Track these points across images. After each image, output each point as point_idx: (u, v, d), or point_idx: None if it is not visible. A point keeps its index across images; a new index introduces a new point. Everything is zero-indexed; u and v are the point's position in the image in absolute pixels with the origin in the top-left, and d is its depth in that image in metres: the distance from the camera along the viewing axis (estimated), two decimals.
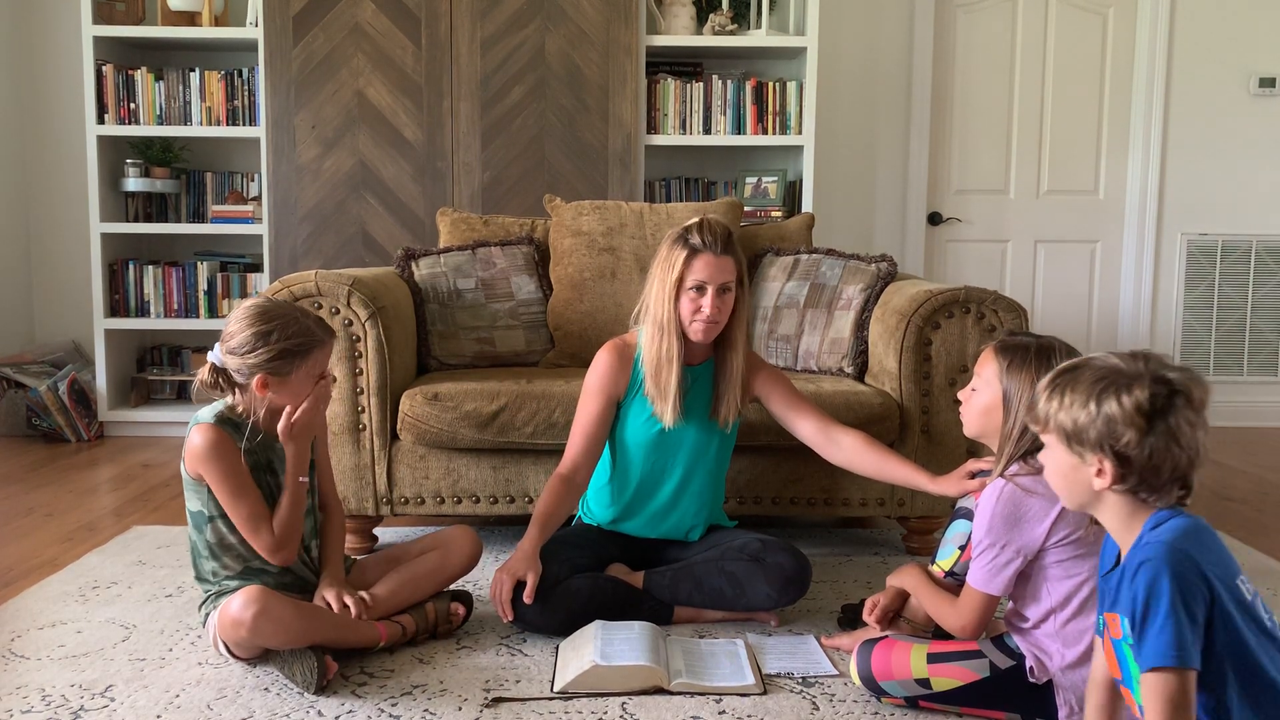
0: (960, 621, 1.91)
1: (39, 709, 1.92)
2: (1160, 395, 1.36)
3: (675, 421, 2.33)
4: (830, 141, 4.63)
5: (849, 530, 3.15)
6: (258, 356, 2.02)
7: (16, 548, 2.92)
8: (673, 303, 2.29)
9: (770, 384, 2.44)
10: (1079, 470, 1.43)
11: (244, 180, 4.55)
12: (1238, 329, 4.89)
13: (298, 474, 2.09)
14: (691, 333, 2.31)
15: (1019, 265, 4.88)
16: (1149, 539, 1.39)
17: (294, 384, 2.06)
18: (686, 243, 2.28)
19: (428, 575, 2.25)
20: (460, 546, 2.30)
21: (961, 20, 4.74)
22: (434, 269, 3.07)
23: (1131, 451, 1.37)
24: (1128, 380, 1.37)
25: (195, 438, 2.03)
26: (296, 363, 2.05)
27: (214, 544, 2.09)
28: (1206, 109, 4.76)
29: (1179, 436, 1.36)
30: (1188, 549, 1.36)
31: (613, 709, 1.93)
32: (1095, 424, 1.38)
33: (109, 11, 4.31)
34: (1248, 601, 1.39)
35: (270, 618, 1.95)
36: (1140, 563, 1.36)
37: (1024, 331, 1.96)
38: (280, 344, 2.03)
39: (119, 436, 4.43)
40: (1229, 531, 3.13)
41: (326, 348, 2.12)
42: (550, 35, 4.13)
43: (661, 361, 2.31)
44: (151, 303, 4.44)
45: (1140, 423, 1.36)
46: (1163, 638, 1.32)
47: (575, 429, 2.40)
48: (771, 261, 3.19)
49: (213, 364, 2.07)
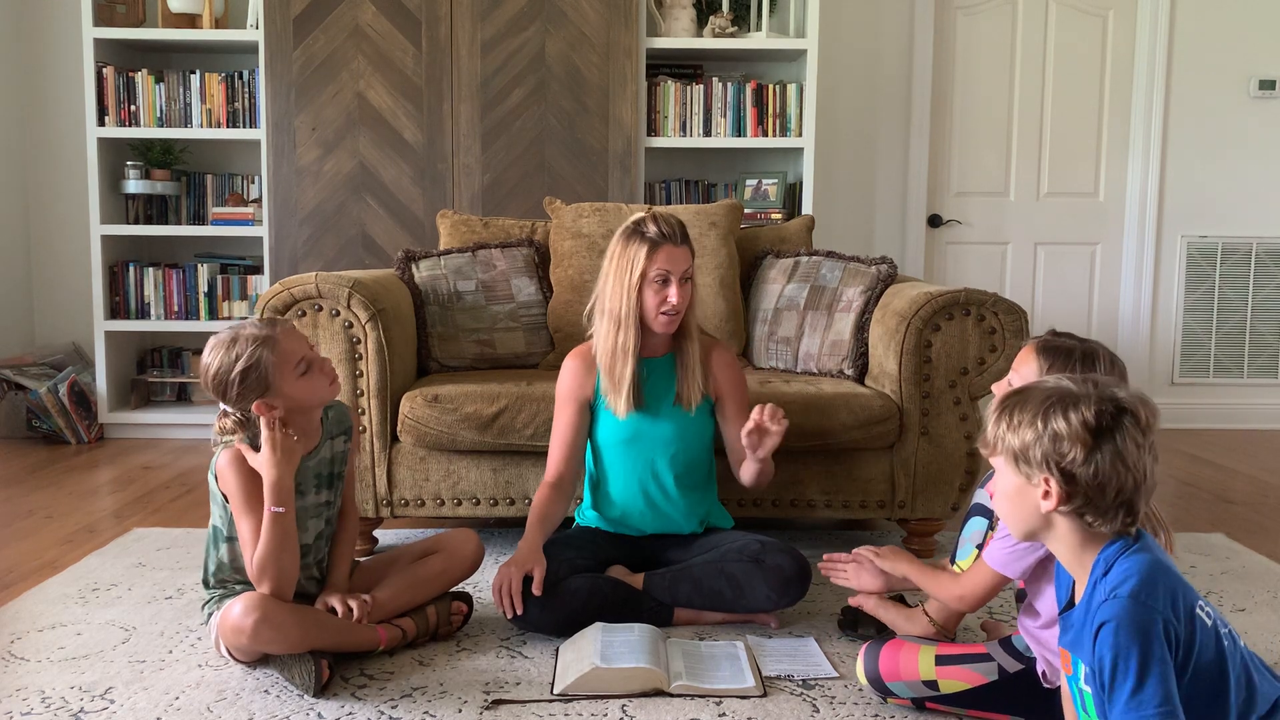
0: (961, 590, 1.90)
1: (39, 711, 1.92)
2: (1107, 413, 1.36)
3: (628, 412, 2.36)
4: (830, 144, 4.64)
5: (849, 532, 3.15)
6: (234, 393, 2.00)
7: (16, 550, 2.92)
8: (635, 296, 2.32)
9: (726, 388, 2.46)
10: (1025, 492, 1.41)
11: (244, 182, 4.55)
12: (1238, 331, 4.89)
13: (274, 502, 1.99)
14: (657, 325, 2.35)
15: (1019, 267, 4.88)
16: (1105, 593, 1.37)
17: (285, 386, 2.02)
18: (644, 236, 2.31)
19: (431, 579, 2.25)
20: (463, 550, 2.30)
21: (961, 22, 4.74)
22: (434, 271, 3.08)
23: (1077, 469, 1.36)
24: (1075, 399, 1.37)
25: (223, 454, 2.04)
26: (263, 370, 2.00)
27: (226, 562, 2.11)
28: (1206, 111, 4.76)
29: (1125, 456, 1.35)
30: (1147, 601, 1.33)
31: (613, 711, 1.93)
32: (1041, 441, 1.37)
33: (110, 13, 4.31)
34: (1208, 627, 1.38)
35: (271, 624, 1.96)
36: (1101, 623, 1.34)
37: (1067, 333, 1.91)
38: (238, 370, 1.99)
39: (119, 438, 4.43)
40: (1228, 533, 3.13)
41: (278, 339, 2.03)
42: (550, 37, 4.13)
43: (617, 353, 2.35)
44: (152, 305, 4.44)
45: (1086, 439, 1.35)
46: (1138, 700, 1.30)
47: (554, 438, 2.45)
48: (771, 264, 3.20)
49: (223, 410, 2.07)
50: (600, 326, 2.38)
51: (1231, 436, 4.61)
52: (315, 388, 2.07)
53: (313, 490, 2.14)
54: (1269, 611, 2.48)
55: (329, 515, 2.19)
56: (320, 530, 2.17)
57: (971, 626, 2.32)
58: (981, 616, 2.37)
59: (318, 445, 2.14)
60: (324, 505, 2.17)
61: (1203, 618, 1.38)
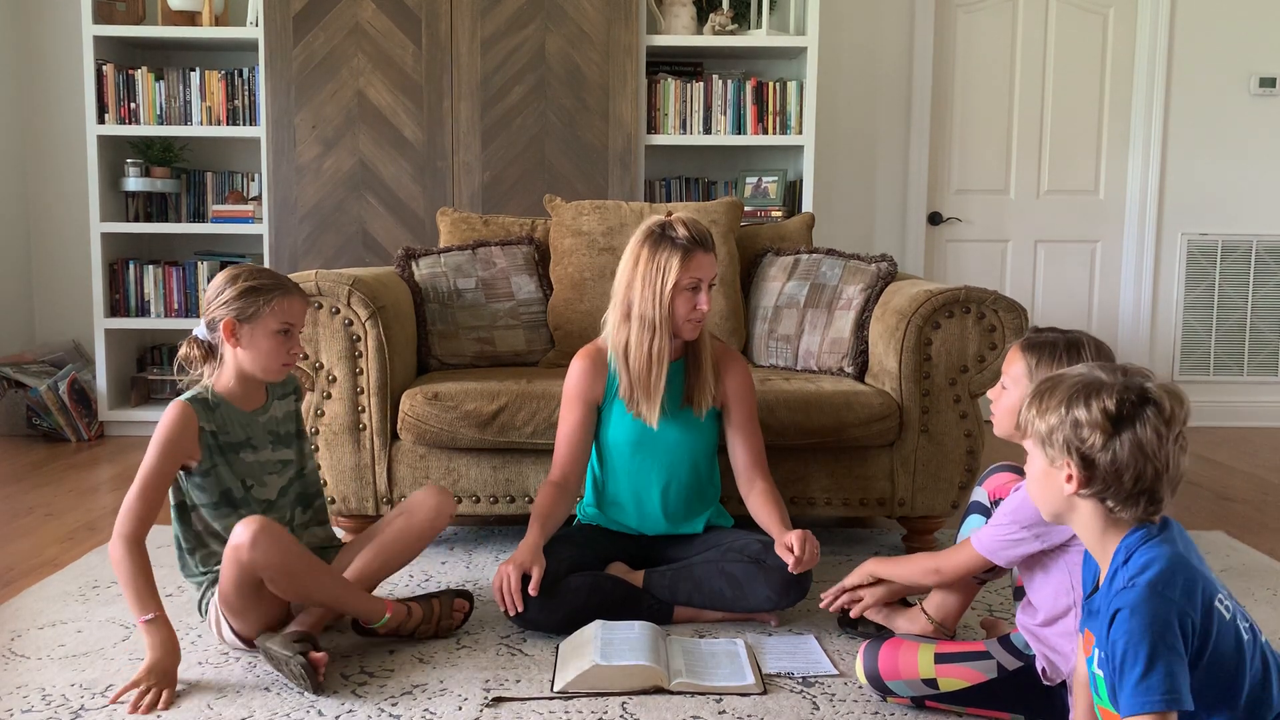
0: (937, 564, 1.94)
1: (39, 708, 1.92)
2: (1128, 402, 1.38)
3: (659, 419, 2.36)
4: (830, 141, 4.64)
5: (849, 530, 3.15)
6: (225, 296, 2.06)
7: (17, 547, 2.92)
8: (668, 304, 2.30)
9: (734, 395, 2.44)
10: (1051, 475, 1.45)
11: (244, 180, 4.55)
12: (1238, 329, 4.89)
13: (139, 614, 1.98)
14: (685, 331, 2.34)
15: (1019, 265, 4.88)
16: (1125, 581, 1.39)
17: (260, 331, 2.07)
18: (675, 243, 2.29)
19: (395, 539, 2.24)
20: (422, 503, 2.27)
21: (962, 20, 4.74)
22: (434, 269, 3.07)
23: (1095, 455, 1.39)
24: (1100, 387, 1.40)
25: (172, 405, 2.07)
26: (262, 301, 2.06)
27: (201, 531, 2.12)
28: (1207, 109, 4.76)
29: (1145, 445, 1.37)
30: (1164, 591, 1.35)
31: (613, 709, 1.93)
32: (1064, 426, 1.41)
33: (109, 11, 4.31)
34: (1227, 620, 1.39)
35: (270, 534, 1.95)
36: (1117, 609, 1.36)
37: (1049, 327, 1.93)
38: (247, 283, 2.07)
39: (119, 436, 4.43)
40: (1229, 532, 3.13)
41: (295, 298, 2.11)
42: (550, 35, 4.13)
43: (652, 360, 2.33)
44: (152, 302, 4.44)
45: (1106, 426, 1.38)
46: (1145, 686, 1.32)
47: (560, 438, 2.44)
48: (772, 261, 3.19)
49: (193, 337, 2.12)
50: (628, 331, 2.35)
51: (1231, 434, 4.61)
52: (275, 354, 2.10)
53: (268, 447, 2.18)
54: (1269, 609, 2.48)
55: (294, 474, 2.23)
56: (284, 488, 2.20)
57: (971, 624, 2.32)
58: (982, 614, 2.38)
59: (265, 404, 2.19)
60: (284, 464, 2.21)
61: (1221, 610, 1.39)
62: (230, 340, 2.07)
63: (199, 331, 2.12)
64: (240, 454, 2.13)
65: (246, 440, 2.14)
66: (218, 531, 2.11)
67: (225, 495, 2.11)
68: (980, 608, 2.43)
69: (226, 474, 2.11)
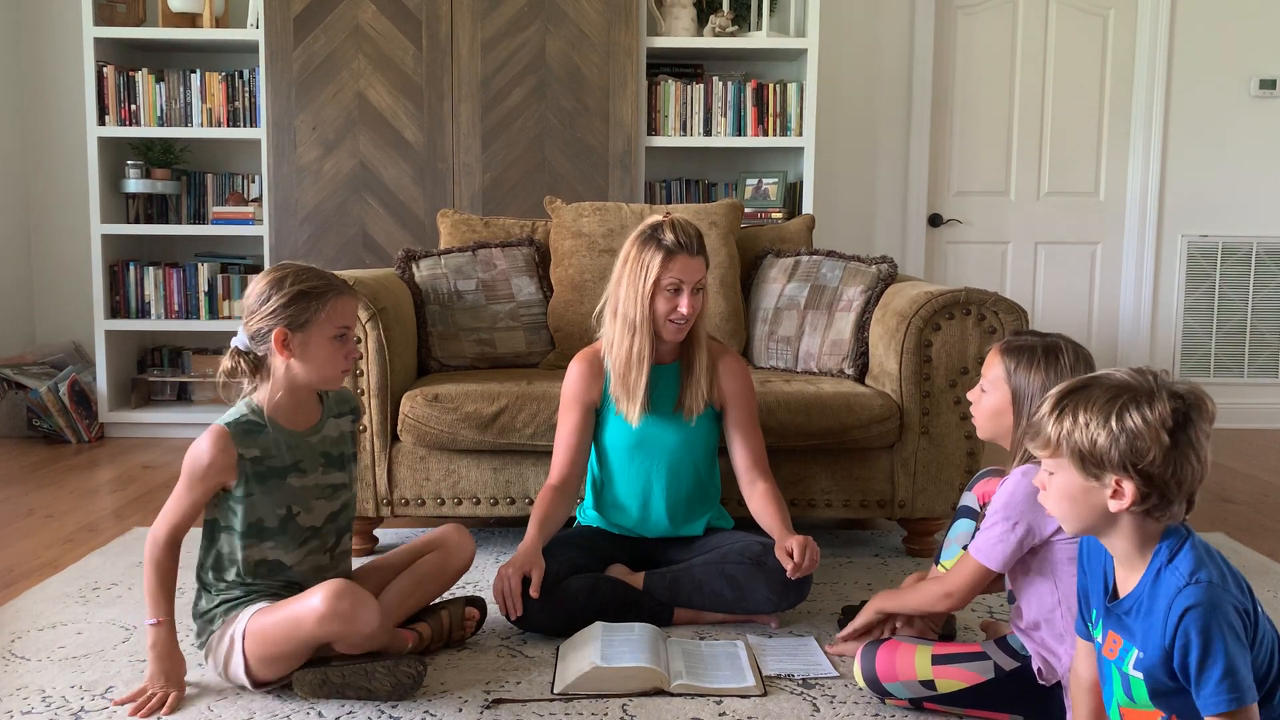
0: (946, 589, 1.91)
1: (39, 710, 1.92)
2: (1180, 409, 1.34)
3: (641, 419, 2.36)
4: (831, 143, 4.64)
5: (849, 532, 3.15)
6: (273, 304, 1.90)
7: (17, 549, 2.92)
8: (648, 303, 2.31)
9: (734, 396, 2.44)
10: (1092, 493, 1.38)
11: (244, 182, 4.55)
12: (1238, 331, 4.89)
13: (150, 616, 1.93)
14: (667, 332, 2.35)
15: (1019, 267, 4.88)
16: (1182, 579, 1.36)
17: (315, 338, 1.92)
18: (660, 243, 2.30)
19: (431, 577, 2.22)
20: (458, 545, 2.25)
21: (962, 22, 4.74)
22: (434, 270, 3.08)
23: (1155, 469, 1.33)
24: (1144, 395, 1.34)
25: (209, 430, 1.93)
26: (314, 307, 1.91)
27: (225, 554, 1.98)
28: (1207, 110, 4.76)
29: (1198, 450, 1.34)
30: (1229, 588, 1.36)
31: (613, 710, 1.93)
32: (1118, 443, 1.34)
33: (110, 13, 4.31)
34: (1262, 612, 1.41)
35: (365, 604, 1.88)
36: (1186, 608, 1.34)
37: (1028, 331, 1.96)
38: (295, 287, 1.91)
39: (119, 438, 4.43)
40: (1228, 533, 3.13)
41: (347, 297, 1.97)
42: (551, 37, 4.13)
43: (631, 360, 2.33)
44: (152, 304, 4.44)
45: (1164, 438, 1.32)
46: (1229, 683, 1.32)
47: (559, 441, 2.44)
48: (772, 263, 3.20)
49: (234, 348, 1.95)
50: (613, 329, 2.37)
51: (1231, 436, 4.61)
52: (332, 361, 1.96)
53: (319, 469, 2.03)
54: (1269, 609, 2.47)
55: (344, 500, 2.09)
56: (332, 514, 2.06)
57: (971, 625, 2.32)
58: (981, 616, 2.38)
59: (319, 422, 2.04)
60: (334, 489, 2.06)
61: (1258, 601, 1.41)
62: (283, 353, 1.91)
63: (239, 341, 1.95)
64: (287, 479, 1.98)
65: (295, 464, 1.98)
66: (237, 560, 1.97)
67: (255, 525, 1.96)
68: (980, 609, 2.43)
69: (263, 503, 1.96)
